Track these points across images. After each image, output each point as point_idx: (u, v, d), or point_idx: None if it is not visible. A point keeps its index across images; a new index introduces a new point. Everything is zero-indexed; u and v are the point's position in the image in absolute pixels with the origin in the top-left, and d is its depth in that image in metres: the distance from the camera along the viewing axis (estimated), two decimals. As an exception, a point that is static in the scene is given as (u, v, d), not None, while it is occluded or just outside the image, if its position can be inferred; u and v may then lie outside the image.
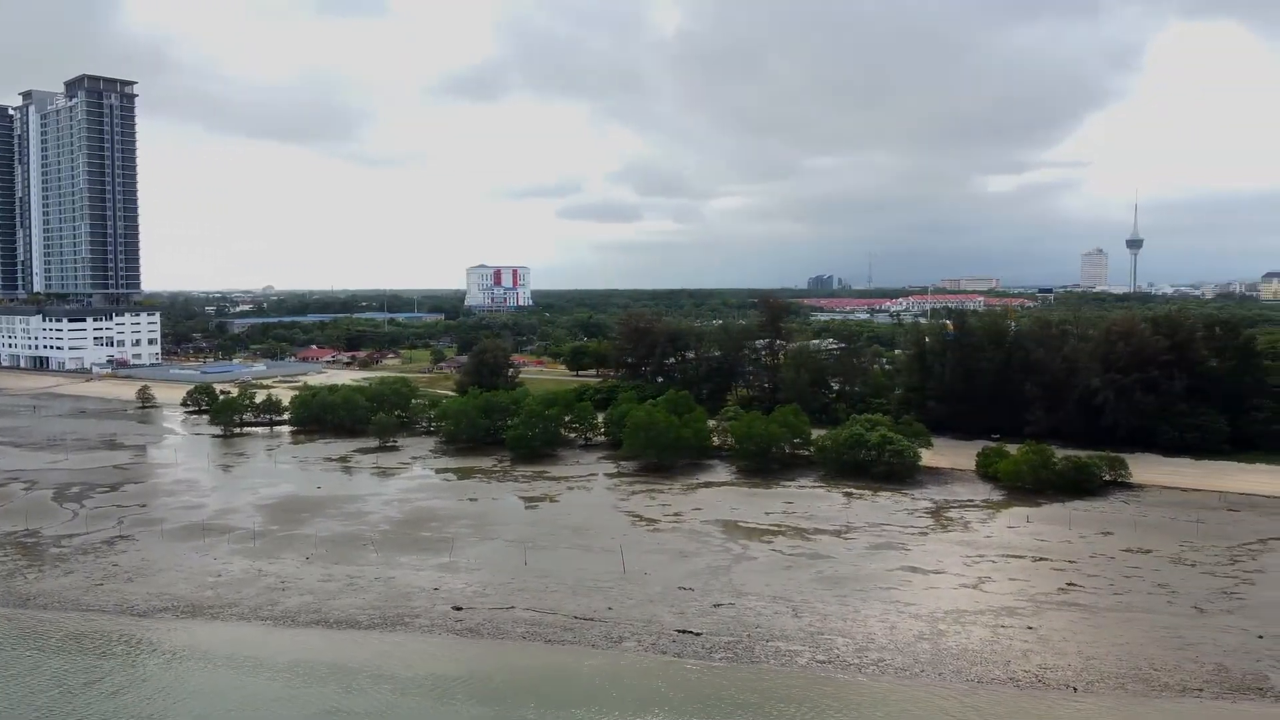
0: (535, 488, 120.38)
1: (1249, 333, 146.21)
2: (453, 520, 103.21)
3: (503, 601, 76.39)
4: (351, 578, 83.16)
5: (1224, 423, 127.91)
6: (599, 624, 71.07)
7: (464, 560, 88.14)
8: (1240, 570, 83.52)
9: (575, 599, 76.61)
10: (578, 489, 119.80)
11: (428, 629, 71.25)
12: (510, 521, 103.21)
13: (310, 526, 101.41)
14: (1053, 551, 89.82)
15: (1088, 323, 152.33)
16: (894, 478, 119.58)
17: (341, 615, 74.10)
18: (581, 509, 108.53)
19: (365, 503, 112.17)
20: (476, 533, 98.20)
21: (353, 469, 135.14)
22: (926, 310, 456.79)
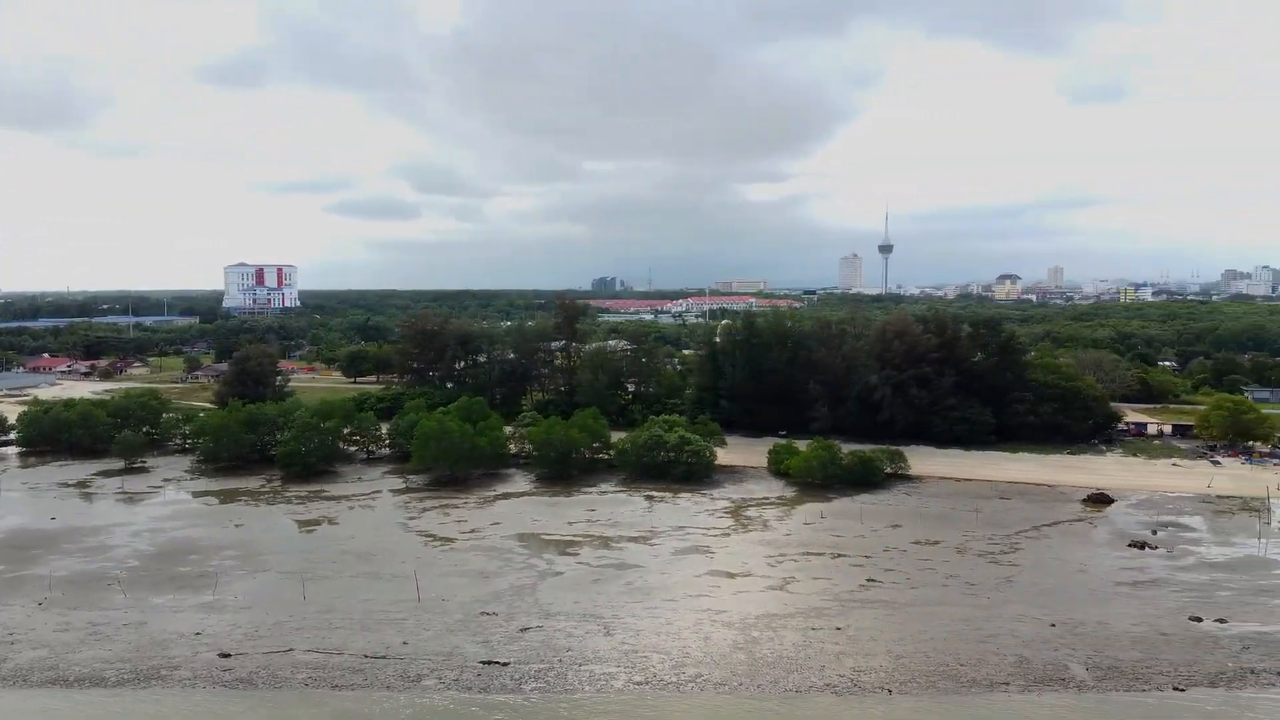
0: (312, 509, 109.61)
1: (1009, 330, 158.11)
2: (216, 551, 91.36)
3: (279, 644, 67.24)
4: (95, 625, 70.82)
5: (989, 415, 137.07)
6: (393, 661, 63.78)
7: (231, 598, 77.58)
8: (1021, 558, 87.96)
9: (364, 635, 68.71)
10: (361, 508, 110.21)
11: (190, 682, 61.17)
12: (284, 550, 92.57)
13: (43, 565, 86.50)
14: (849, 547, 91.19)
15: (864, 323, 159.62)
16: (693, 478, 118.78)
17: (84, 671, 62.47)
18: (367, 531, 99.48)
19: (110, 534, 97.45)
20: (245, 564, 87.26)
21: (94, 495, 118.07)
22: (705, 311, 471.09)
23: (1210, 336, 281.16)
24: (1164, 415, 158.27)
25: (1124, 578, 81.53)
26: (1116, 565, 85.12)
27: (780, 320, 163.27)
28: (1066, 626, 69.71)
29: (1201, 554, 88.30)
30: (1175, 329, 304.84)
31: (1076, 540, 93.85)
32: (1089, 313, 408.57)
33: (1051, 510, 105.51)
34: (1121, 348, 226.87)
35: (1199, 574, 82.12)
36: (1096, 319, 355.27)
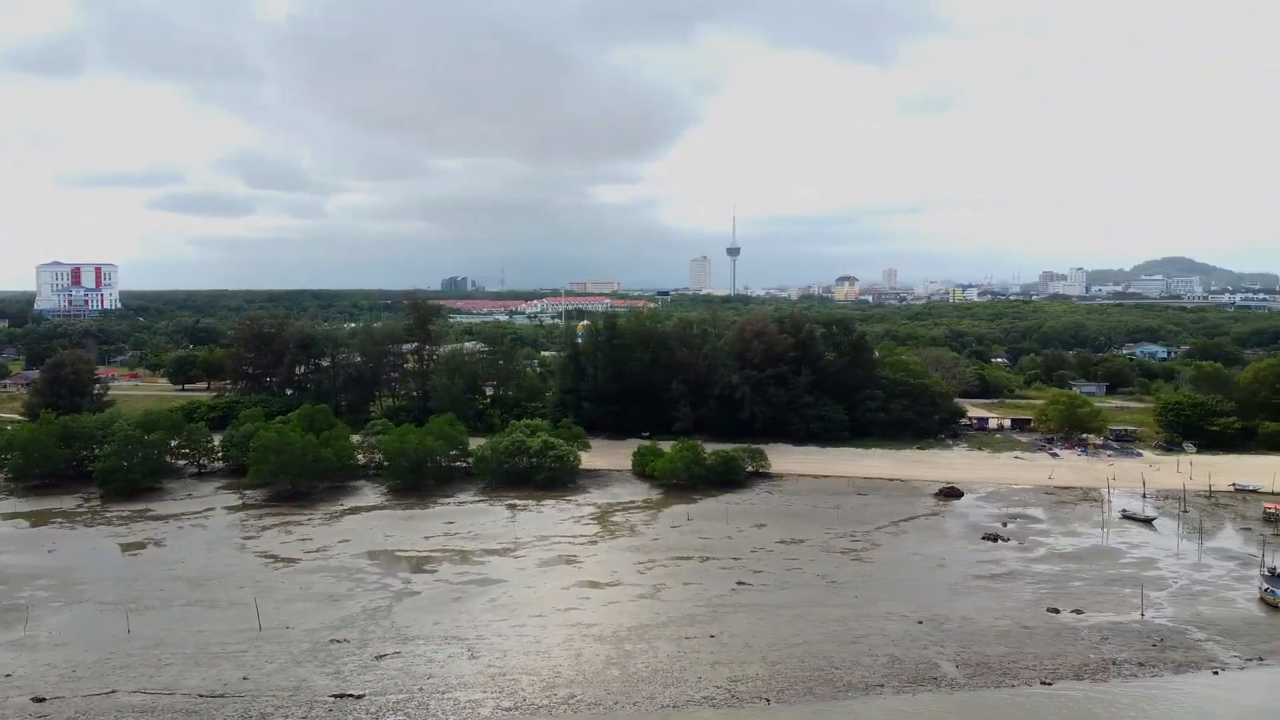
0: (136, 531, 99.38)
1: (860, 330, 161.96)
2: (26, 581, 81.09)
3: (101, 685, 59.49)
4: None
5: (844, 412, 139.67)
6: (232, 700, 57.31)
7: (44, 634, 68.76)
8: (884, 554, 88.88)
9: (198, 671, 61.70)
10: (192, 528, 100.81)
11: (-12, 739, 52.99)
12: (105, 577, 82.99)
13: None
14: (718, 549, 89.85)
15: (724, 323, 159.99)
16: (557, 484, 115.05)
17: None
18: (199, 553, 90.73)
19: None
20: (60, 595, 77.72)
21: None
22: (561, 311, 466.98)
23: (1035, 334, 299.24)
24: (1002, 410, 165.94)
25: (981, 571, 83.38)
26: (973, 559, 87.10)
27: (642, 321, 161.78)
28: (934, 623, 70.22)
29: (1051, 545, 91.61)
30: (1003, 327, 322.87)
31: (933, 535, 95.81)
32: (923, 312, 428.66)
33: (907, 505, 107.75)
34: (957, 345, 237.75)
35: (1051, 565, 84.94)
36: (931, 318, 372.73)
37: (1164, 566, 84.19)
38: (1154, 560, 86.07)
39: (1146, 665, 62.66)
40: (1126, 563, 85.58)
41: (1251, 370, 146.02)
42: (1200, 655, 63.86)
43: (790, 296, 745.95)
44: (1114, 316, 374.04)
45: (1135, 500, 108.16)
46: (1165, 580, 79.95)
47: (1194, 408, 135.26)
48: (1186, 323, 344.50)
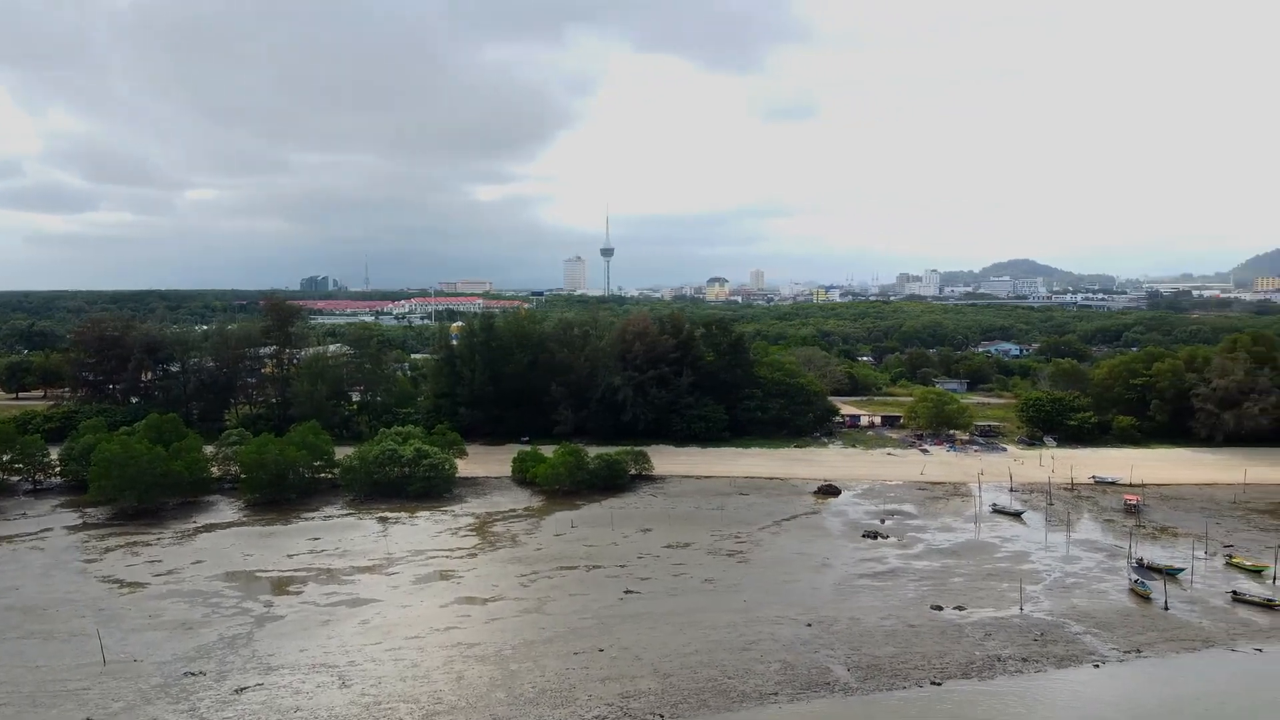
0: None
1: (739, 331, 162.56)
2: None
3: (-96, 743, 52.01)
4: None
5: (724, 412, 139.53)
6: (68, 751, 50.98)
7: None
8: (769, 555, 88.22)
9: (36, 713, 55.11)
10: (28, 550, 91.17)
11: None
12: (-86, 613, 73.60)
13: None
14: (603, 557, 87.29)
15: (605, 324, 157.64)
16: (432, 494, 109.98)
17: None
18: (34, 579, 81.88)
19: None
20: None
21: None
22: (431, 312, 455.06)
23: (897, 333, 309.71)
24: (871, 407, 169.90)
25: (865, 569, 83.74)
26: (856, 557, 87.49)
27: (520, 321, 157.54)
28: (822, 625, 69.69)
29: (929, 541, 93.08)
30: (866, 327, 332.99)
31: (816, 533, 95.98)
32: (791, 313, 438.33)
33: (789, 504, 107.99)
34: (824, 345, 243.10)
35: (931, 561, 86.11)
36: (798, 318, 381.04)
37: (1037, 560, 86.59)
38: (1027, 554, 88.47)
39: (1030, 660, 63.60)
40: (1001, 557, 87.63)
41: (1105, 367, 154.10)
42: (1080, 649, 65.31)
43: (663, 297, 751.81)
44: (968, 316, 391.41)
45: (1004, 494, 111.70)
46: (1039, 574, 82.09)
47: (1053, 403, 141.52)
48: (1035, 321, 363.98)
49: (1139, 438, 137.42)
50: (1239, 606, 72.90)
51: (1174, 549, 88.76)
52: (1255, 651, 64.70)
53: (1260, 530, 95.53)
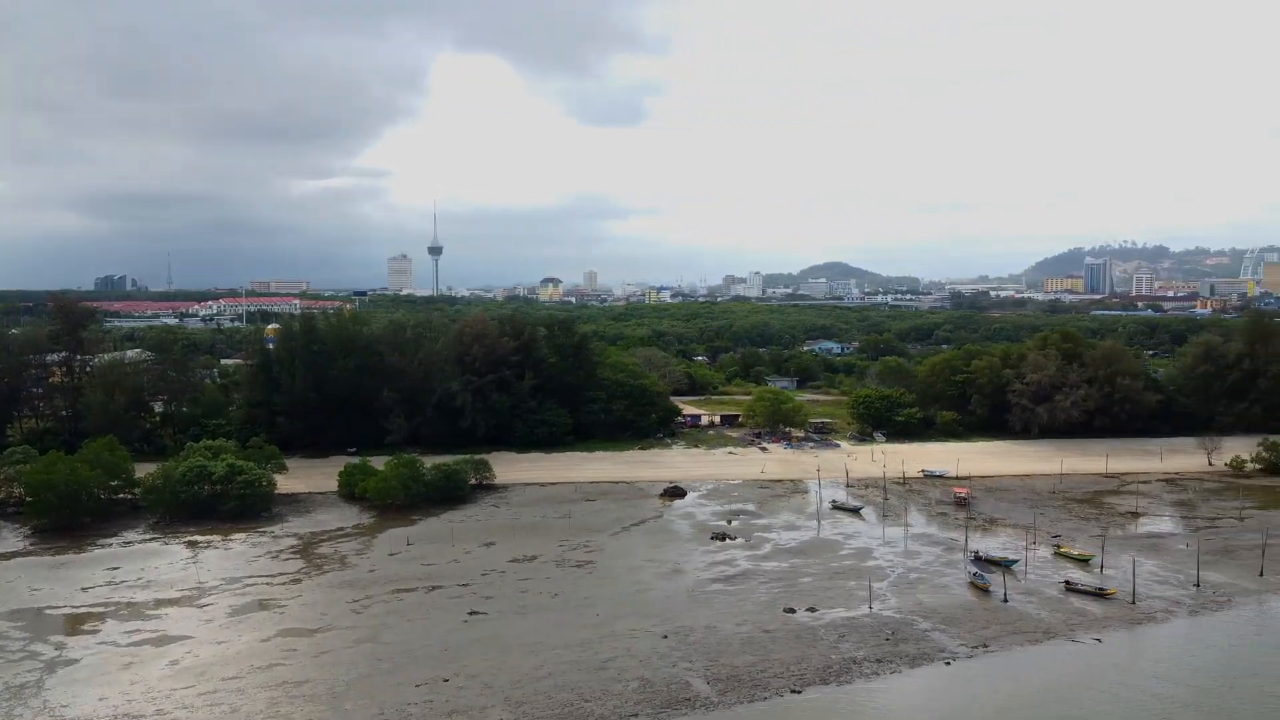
0: None
1: (582, 332, 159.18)
2: None
3: None
4: None
5: (567, 416, 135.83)
6: None
7: None
8: (619, 564, 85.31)
9: None
10: None
11: None
12: None
13: None
14: (445, 575, 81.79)
15: (441, 326, 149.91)
16: (248, 514, 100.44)
17: None
18: None
19: None
20: None
21: None
22: (243, 313, 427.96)
23: (728, 333, 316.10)
24: (710, 406, 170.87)
25: (716, 574, 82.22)
26: (707, 561, 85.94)
27: (345, 323, 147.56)
28: (678, 636, 67.30)
29: (775, 540, 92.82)
30: (698, 327, 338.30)
31: (666, 538, 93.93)
32: (625, 313, 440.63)
33: (636, 508, 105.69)
34: (661, 345, 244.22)
35: (779, 562, 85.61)
36: (633, 319, 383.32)
37: (880, 556, 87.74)
38: (869, 550, 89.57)
39: (884, 661, 63.41)
40: (846, 554, 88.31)
41: (928, 365, 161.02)
42: (931, 646, 65.75)
43: (496, 297, 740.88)
44: (792, 316, 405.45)
45: (841, 490, 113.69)
46: (884, 570, 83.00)
47: (882, 400, 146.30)
48: (853, 321, 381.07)
49: (961, 431, 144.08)
50: (1073, 596, 75.89)
51: (1005, 540, 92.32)
52: (1095, 641, 67.03)
53: (1080, 519, 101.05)
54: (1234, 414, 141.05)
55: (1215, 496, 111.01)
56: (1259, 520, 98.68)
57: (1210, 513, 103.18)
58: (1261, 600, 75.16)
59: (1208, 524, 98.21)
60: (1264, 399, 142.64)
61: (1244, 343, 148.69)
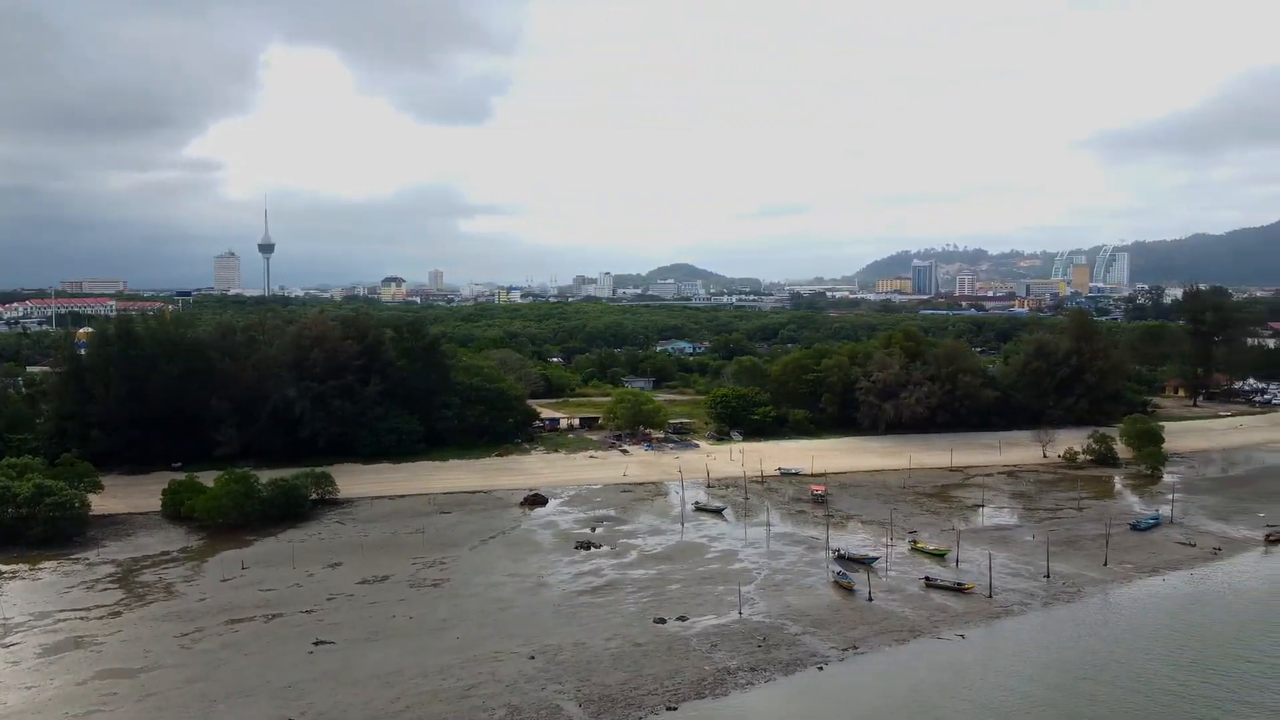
0: None
1: (433, 333, 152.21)
2: None
3: None
4: None
5: (417, 423, 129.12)
6: None
7: None
8: (480, 579, 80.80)
9: None
10: None
11: None
12: None
13: None
14: (286, 602, 75.12)
15: (275, 329, 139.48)
16: (59, 540, 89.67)
17: None
18: None
19: None
20: None
21: None
22: (51, 316, 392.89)
23: (582, 333, 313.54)
24: (568, 409, 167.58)
25: (582, 585, 79.14)
26: (572, 572, 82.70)
27: (166, 326, 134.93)
28: (546, 656, 63.83)
29: (641, 546, 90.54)
30: (551, 327, 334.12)
31: (527, 549, 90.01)
32: (475, 313, 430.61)
33: (495, 519, 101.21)
34: (514, 346, 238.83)
35: (646, 569, 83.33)
36: (484, 319, 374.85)
37: (745, 558, 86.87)
38: (734, 552, 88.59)
39: (758, 670, 62.03)
40: (712, 558, 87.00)
41: (780, 364, 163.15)
42: (802, 651, 64.87)
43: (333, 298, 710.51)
44: (644, 316, 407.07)
45: (702, 491, 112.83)
46: (750, 573, 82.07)
47: (738, 399, 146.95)
48: (703, 321, 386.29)
49: (813, 429, 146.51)
50: (933, 592, 77.02)
51: (864, 537, 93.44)
52: (959, 638, 67.91)
53: (931, 514, 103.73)
54: (1063, 408, 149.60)
55: (1053, 488, 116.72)
56: (1096, 510, 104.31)
57: (1050, 504, 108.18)
58: (1106, 590, 78.43)
59: (1050, 515, 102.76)
60: (1089, 393, 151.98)
61: (1070, 340, 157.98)
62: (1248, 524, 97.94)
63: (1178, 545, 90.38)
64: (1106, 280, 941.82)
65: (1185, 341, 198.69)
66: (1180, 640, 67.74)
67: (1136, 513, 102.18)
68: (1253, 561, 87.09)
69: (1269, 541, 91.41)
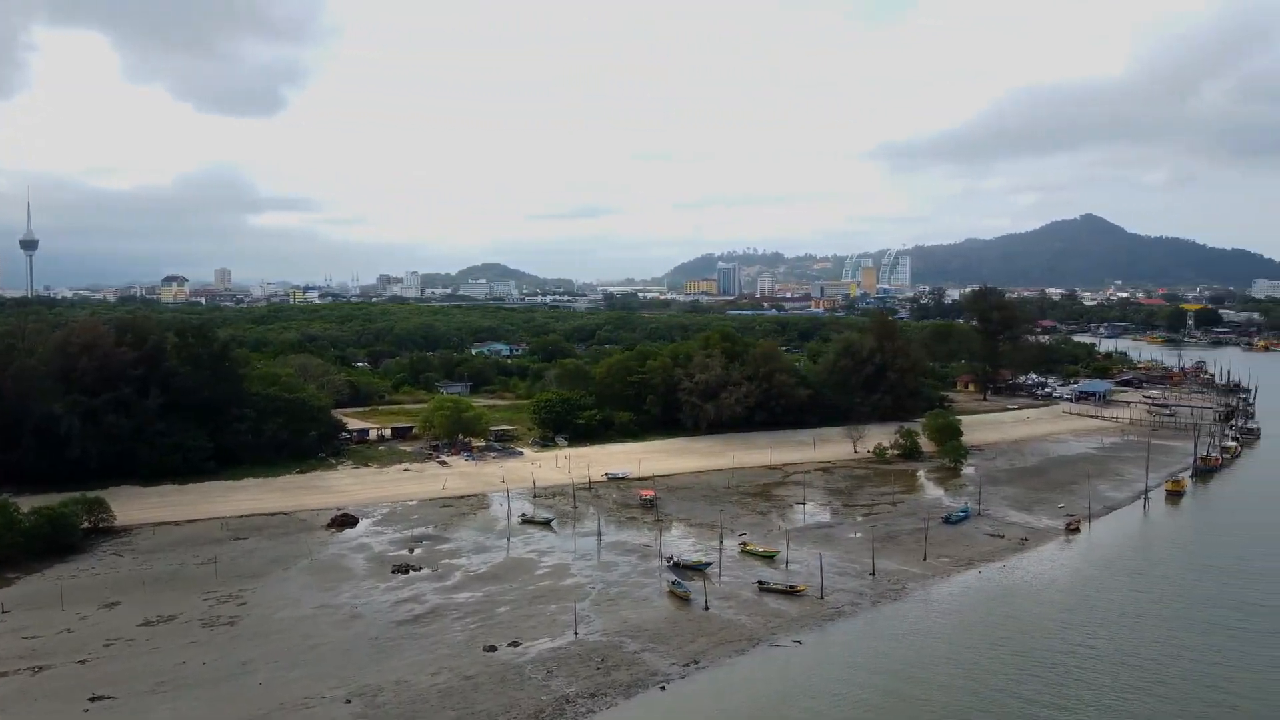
0: None
1: (223, 339, 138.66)
2: None
3: None
4: None
5: (206, 439, 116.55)
6: None
7: None
8: (285, 614, 72.94)
9: None
10: None
11: None
12: None
13: None
14: (54, 651, 65.00)
15: (37, 335, 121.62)
16: None
17: None
18: None
19: None
20: None
21: None
22: None
23: (390, 336, 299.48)
24: (378, 418, 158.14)
25: (402, 614, 73.02)
26: (390, 600, 76.24)
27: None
28: (364, 698, 57.87)
29: (465, 566, 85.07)
30: (355, 330, 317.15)
31: (338, 577, 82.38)
32: (268, 315, 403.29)
33: (299, 544, 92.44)
34: (314, 350, 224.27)
35: (472, 591, 78.10)
36: (278, 321, 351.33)
37: (577, 572, 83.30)
38: (566, 567, 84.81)
39: (599, 695, 58.72)
40: (542, 574, 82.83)
41: (604, 366, 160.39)
42: (643, 670, 62.07)
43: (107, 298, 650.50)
44: (456, 317, 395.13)
45: (529, 502, 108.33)
46: (583, 588, 78.61)
47: (563, 403, 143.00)
48: (519, 322, 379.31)
49: (638, 431, 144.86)
50: (766, 596, 76.31)
51: (695, 542, 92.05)
52: (795, 644, 67.21)
53: (758, 514, 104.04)
54: (870, 404, 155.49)
55: (866, 483, 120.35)
56: (909, 505, 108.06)
57: (867, 499, 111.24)
58: (929, 586, 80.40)
59: (868, 511, 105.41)
60: (892, 390, 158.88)
61: (874, 340, 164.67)
62: (1048, 514, 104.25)
63: (988, 537, 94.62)
64: (892, 282, 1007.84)
65: (974, 339, 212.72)
66: (1001, 634, 69.87)
67: (947, 506, 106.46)
68: (1056, 551, 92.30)
69: (1069, 530, 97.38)
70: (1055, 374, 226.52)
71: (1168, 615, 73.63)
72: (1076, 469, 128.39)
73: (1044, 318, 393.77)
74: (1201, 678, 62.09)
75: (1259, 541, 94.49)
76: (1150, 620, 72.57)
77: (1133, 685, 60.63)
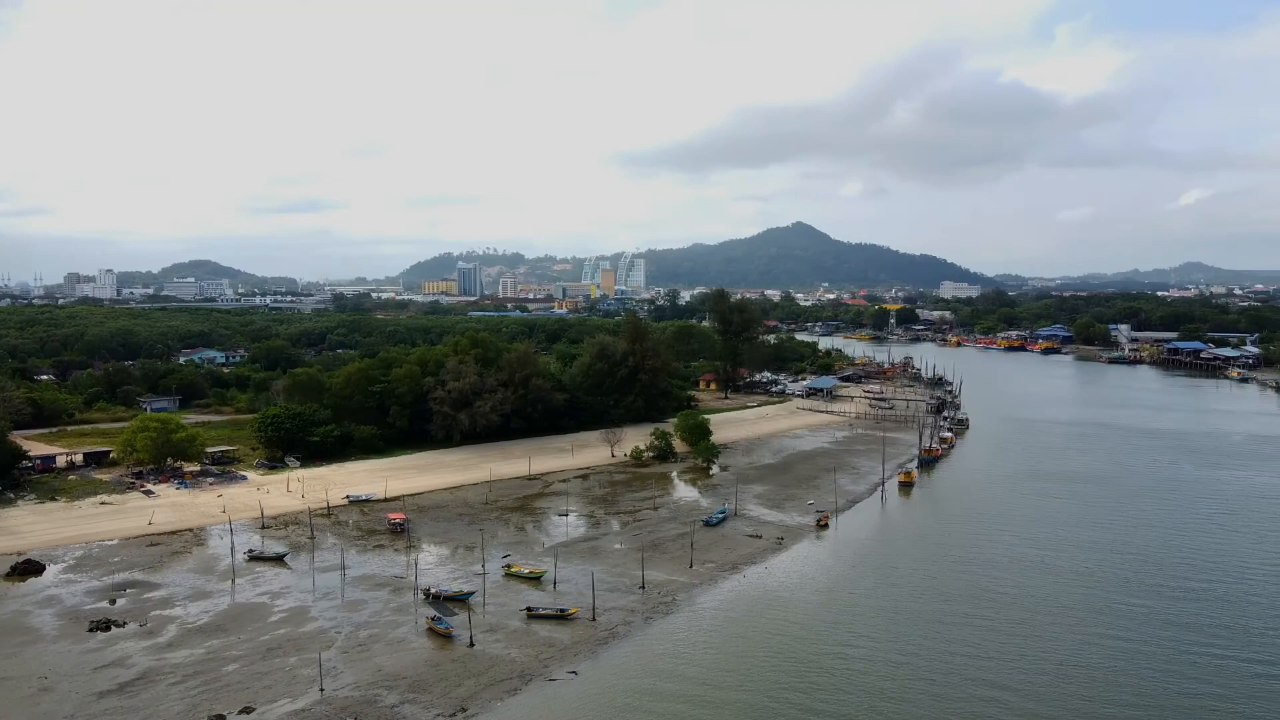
0: None
1: None
2: None
3: None
4: None
5: None
6: None
7: None
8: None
9: None
10: None
11: None
12: None
13: None
14: None
15: None
16: None
17: None
18: None
19: None
20: None
21: None
22: None
23: (80, 343, 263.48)
24: (67, 441, 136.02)
25: (105, 682, 60.76)
26: (88, 665, 63.40)
27: None
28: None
29: (182, 618, 72.70)
30: (38, 336, 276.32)
31: (20, 640, 67.64)
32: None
33: (-38, 603, 75.53)
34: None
35: (192, 648, 66.54)
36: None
37: (320, 615, 73.55)
38: (306, 610, 74.70)
39: (354, 763, 50.86)
40: (278, 620, 72.43)
41: (342, 374, 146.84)
42: (407, 728, 54.84)
43: None
44: (161, 321, 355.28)
45: (257, 535, 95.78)
46: (328, 634, 69.39)
47: (294, 418, 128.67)
48: (236, 326, 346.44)
49: (383, 446, 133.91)
50: (536, 624, 71.11)
51: (454, 568, 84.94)
52: (571, 675, 62.53)
53: (520, 530, 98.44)
54: (624, 406, 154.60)
55: (627, 488, 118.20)
56: (670, 508, 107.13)
57: (629, 505, 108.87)
58: (695, 595, 78.60)
59: (631, 518, 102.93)
60: (644, 391, 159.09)
61: (627, 342, 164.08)
62: (799, 510, 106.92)
63: (747, 538, 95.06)
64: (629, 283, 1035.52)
65: (714, 340, 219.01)
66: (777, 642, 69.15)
67: (706, 508, 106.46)
68: (810, 548, 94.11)
69: (819, 526, 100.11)
70: (785, 371, 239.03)
71: (922, 610, 76.19)
72: (817, 464, 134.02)
73: (767, 318, 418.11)
74: (968, 670, 64.15)
75: (985, 528, 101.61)
76: (907, 617, 74.67)
77: (910, 688, 61.35)
